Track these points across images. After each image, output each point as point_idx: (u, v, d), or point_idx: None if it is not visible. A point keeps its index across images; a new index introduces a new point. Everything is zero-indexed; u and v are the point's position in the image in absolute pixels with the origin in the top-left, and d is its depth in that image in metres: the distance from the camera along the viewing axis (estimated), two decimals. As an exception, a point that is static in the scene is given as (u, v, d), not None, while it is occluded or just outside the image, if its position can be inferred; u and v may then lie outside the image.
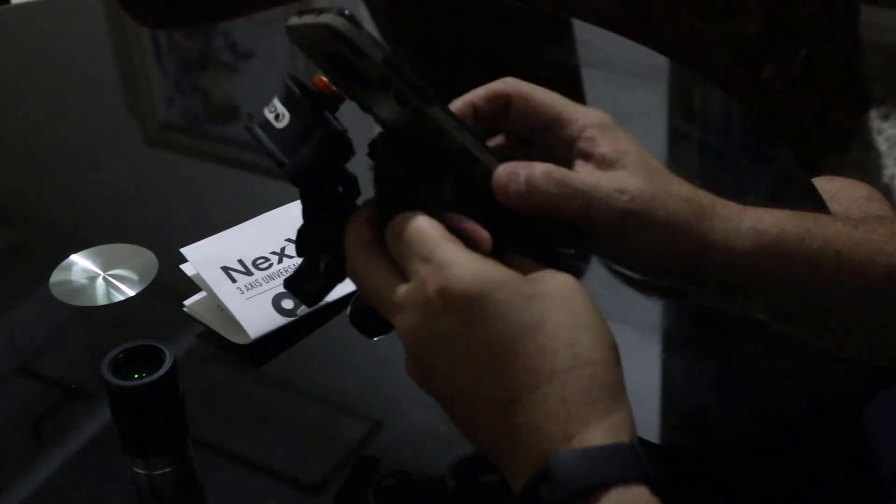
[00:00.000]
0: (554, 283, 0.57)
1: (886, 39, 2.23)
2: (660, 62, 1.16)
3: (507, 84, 0.65)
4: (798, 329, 0.70)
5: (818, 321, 0.68)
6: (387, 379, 0.78)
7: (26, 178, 1.04)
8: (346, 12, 0.58)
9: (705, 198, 0.64)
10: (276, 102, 0.63)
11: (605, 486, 0.51)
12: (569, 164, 0.64)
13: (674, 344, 0.82)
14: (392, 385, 0.77)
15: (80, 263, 0.89)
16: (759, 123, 1.10)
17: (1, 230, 1.01)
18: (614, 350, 0.56)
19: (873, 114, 2.03)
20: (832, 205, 0.95)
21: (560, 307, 0.56)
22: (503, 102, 0.65)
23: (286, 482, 0.72)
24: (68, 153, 1.07)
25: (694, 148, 1.10)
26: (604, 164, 0.63)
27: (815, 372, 0.79)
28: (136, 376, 0.67)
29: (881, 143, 2.02)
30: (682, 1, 1.63)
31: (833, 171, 1.89)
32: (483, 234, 0.58)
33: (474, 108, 0.65)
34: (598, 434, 0.53)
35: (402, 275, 0.59)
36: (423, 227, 0.58)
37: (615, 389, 0.55)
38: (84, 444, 0.75)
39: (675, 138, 1.08)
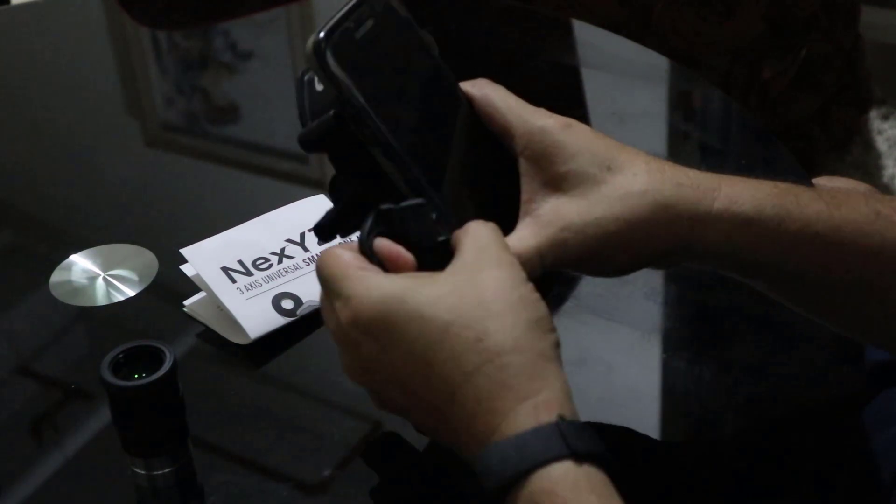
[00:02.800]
0: (462, 274, 0.58)
1: (886, 39, 2.23)
2: (660, 62, 1.16)
3: (475, 85, 0.68)
4: (787, 303, 0.70)
5: (805, 299, 0.68)
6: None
7: (26, 178, 1.04)
8: (316, 41, 0.61)
9: (668, 188, 0.63)
10: None
11: (531, 469, 0.53)
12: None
13: (674, 344, 0.82)
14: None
15: (80, 263, 0.89)
16: (759, 123, 1.10)
17: (1, 230, 1.01)
18: (534, 325, 0.57)
19: (873, 114, 2.03)
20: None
21: (468, 300, 0.57)
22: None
23: (286, 482, 0.72)
24: (68, 153, 1.07)
25: (694, 148, 1.10)
26: (547, 185, 0.64)
27: (816, 372, 0.79)
28: (136, 376, 0.67)
29: (881, 143, 2.02)
30: (683, 1, 1.63)
31: (833, 171, 1.90)
32: (405, 257, 0.60)
33: None
34: (519, 420, 0.55)
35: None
36: (332, 263, 0.60)
37: (533, 369, 0.56)
38: (84, 444, 0.75)
39: (675, 138, 1.08)
